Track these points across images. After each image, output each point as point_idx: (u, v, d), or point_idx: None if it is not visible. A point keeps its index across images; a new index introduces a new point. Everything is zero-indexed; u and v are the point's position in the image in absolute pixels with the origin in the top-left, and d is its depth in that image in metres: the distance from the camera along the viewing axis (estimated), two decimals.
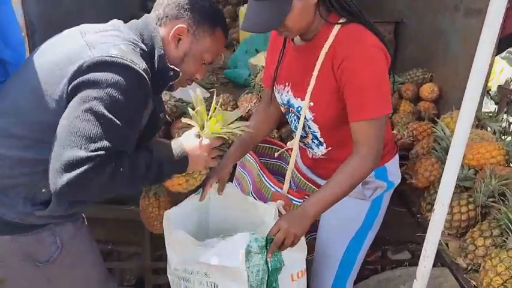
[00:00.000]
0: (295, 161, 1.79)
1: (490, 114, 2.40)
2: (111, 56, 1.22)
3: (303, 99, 1.50)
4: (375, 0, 4.24)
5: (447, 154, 1.27)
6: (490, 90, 5.25)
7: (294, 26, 1.38)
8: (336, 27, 1.43)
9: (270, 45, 1.73)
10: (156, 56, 1.37)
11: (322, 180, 1.70)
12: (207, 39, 1.42)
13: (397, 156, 1.73)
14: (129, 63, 1.23)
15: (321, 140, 1.59)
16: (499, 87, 2.91)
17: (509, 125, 4.16)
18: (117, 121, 1.21)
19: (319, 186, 1.65)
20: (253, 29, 1.38)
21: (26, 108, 1.28)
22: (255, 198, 1.76)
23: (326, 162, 1.67)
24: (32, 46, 2.34)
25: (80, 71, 1.21)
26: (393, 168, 1.70)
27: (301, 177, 1.81)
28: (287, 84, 1.58)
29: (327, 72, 1.43)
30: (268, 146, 1.96)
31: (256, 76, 2.87)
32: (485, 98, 3.88)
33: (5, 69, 1.57)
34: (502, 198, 1.75)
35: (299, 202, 1.62)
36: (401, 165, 2.30)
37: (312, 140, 1.61)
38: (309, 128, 1.57)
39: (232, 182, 1.85)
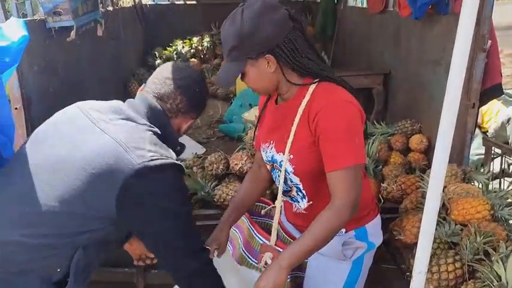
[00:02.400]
0: (280, 218, 1.82)
1: (476, 166, 2.43)
2: (152, 160, 1.30)
3: (284, 153, 1.56)
4: (365, 53, 4.39)
5: None
6: (487, 131, 5.29)
7: (254, 86, 1.54)
8: (312, 87, 1.51)
9: (259, 110, 1.81)
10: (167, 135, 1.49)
11: None
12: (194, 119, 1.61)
13: (378, 218, 1.74)
14: (169, 161, 1.34)
15: (304, 192, 1.62)
16: (484, 139, 2.95)
17: (508, 166, 4.18)
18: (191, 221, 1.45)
19: None
20: (217, 83, 1.60)
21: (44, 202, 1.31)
22: (245, 253, 1.78)
23: (307, 219, 1.70)
24: (28, 117, 2.44)
25: (130, 182, 1.28)
26: (374, 229, 1.70)
27: (285, 234, 1.84)
28: (271, 142, 1.65)
29: (303, 126, 1.49)
30: (255, 204, 2.00)
31: (247, 134, 2.94)
32: (480, 140, 3.92)
33: None
34: (488, 255, 1.76)
35: None
36: (391, 219, 2.33)
37: (296, 192, 1.65)
38: (291, 181, 1.61)
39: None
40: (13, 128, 1.56)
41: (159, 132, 1.44)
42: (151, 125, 1.43)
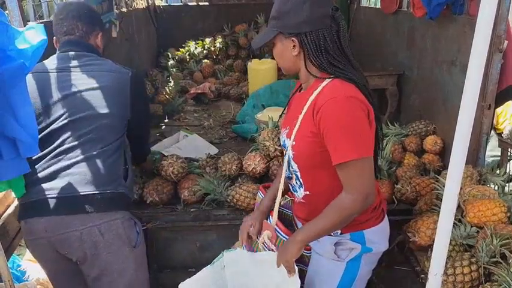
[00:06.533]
0: (293, 209, 1.85)
1: (492, 168, 2.40)
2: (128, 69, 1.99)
3: (291, 139, 1.64)
4: (378, 54, 4.36)
5: None
6: (502, 133, 5.23)
7: (278, 61, 1.70)
8: (326, 80, 1.56)
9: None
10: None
11: None
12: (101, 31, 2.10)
13: (382, 226, 1.69)
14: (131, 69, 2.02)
15: (301, 180, 1.67)
16: (500, 140, 2.91)
17: None
18: None
19: None
20: (251, 42, 1.77)
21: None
22: None
23: (305, 210, 1.73)
24: None
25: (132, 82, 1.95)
26: (374, 236, 1.67)
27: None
28: (287, 127, 1.72)
29: (309, 116, 1.55)
30: None
31: (260, 134, 2.93)
32: (496, 142, 3.87)
33: (16, 147, 1.64)
34: (505, 258, 1.73)
35: (285, 237, 1.69)
36: (405, 221, 2.31)
37: (295, 180, 1.70)
38: (291, 167, 1.68)
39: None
40: (35, 124, 1.59)
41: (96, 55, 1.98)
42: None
